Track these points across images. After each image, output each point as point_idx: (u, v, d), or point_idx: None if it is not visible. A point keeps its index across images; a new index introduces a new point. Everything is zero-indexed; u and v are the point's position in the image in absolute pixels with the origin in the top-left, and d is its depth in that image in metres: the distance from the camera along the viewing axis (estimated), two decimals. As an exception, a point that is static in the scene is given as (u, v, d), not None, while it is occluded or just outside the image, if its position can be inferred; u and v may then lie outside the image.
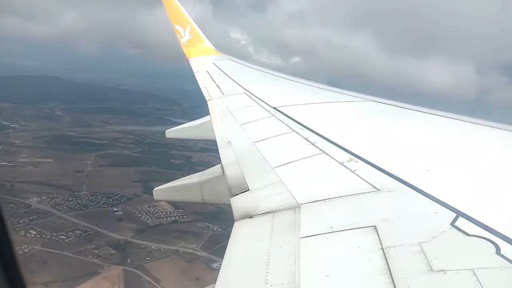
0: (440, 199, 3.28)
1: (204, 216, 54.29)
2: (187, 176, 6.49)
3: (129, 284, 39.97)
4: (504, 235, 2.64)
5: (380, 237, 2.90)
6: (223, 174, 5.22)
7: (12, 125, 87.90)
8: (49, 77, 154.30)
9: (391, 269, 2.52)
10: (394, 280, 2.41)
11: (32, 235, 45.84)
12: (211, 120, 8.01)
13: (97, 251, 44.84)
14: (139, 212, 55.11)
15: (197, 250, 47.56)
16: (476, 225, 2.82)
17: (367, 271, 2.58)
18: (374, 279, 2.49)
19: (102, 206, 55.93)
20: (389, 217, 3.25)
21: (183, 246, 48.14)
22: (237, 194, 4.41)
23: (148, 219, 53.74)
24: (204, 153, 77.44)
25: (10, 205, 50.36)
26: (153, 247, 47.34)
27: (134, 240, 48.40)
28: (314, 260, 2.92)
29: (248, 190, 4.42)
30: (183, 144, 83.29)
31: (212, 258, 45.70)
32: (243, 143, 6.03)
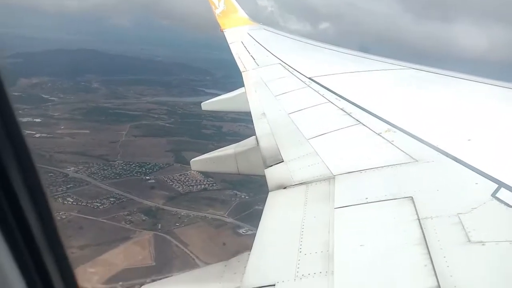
0: (481, 169, 3.17)
1: (232, 184, 55.24)
2: (222, 148, 6.60)
3: (159, 248, 41.63)
4: (550, 207, 2.53)
5: (417, 208, 2.86)
6: (258, 145, 5.26)
7: (51, 98, 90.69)
8: (86, 50, 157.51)
9: (427, 240, 2.49)
10: (429, 250, 2.39)
11: (69, 203, 48.17)
12: (245, 91, 8.00)
13: (130, 217, 46.71)
14: (171, 180, 56.60)
15: (224, 217, 48.67)
16: (519, 196, 2.72)
17: (402, 242, 2.57)
18: (409, 249, 2.47)
19: (135, 174, 57.83)
20: (426, 188, 3.18)
21: (211, 213, 49.35)
22: (272, 165, 4.44)
23: (179, 187, 55.12)
24: (235, 123, 77.88)
25: (49, 174, 53.01)
26: (182, 214, 48.76)
27: (165, 207, 50.00)
28: (348, 230, 2.93)
29: (283, 161, 4.44)
30: (214, 114, 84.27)
31: (239, 224, 46.75)
32: (278, 114, 6.01)
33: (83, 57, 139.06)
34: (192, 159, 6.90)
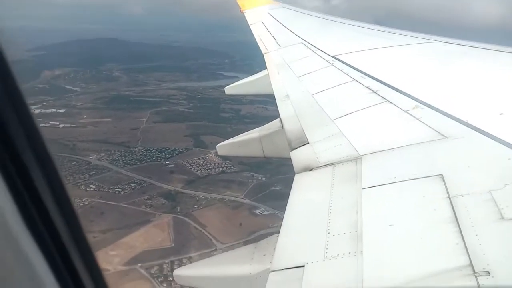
0: None
1: (250, 166, 56.34)
2: (247, 132, 6.63)
3: (178, 230, 43.17)
4: None
5: (447, 186, 2.81)
6: (282, 128, 5.25)
7: (74, 89, 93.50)
8: (105, 39, 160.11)
9: (458, 218, 2.45)
10: (461, 228, 2.35)
11: (91, 189, 50.28)
12: (268, 73, 7.95)
13: (150, 201, 48.39)
14: (189, 164, 58.28)
15: (241, 198, 49.87)
16: (556, 171, 2.62)
17: (433, 220, 2.54)
18: (439, 228, 2.44)
19: (155, 160, 59.68)
20: (457, 165, 3.12)
21: (229, 195, 50.68)
22: (297, 148, 4.44)
23: (197, 171, 56.77)
24: (253, 105, 78.61)
25: (73, 163, 55.52)
26: (201, 196, 50.26)
27: (184, 190, 51.54)
28: (376, 210, 2.91)
29: (308, 143, 4.43)
30: (232, 97, 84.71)
31: (255, 205, 47.93)
32: (301, 95, 5.96)
33: (103, 46, 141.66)
34: (218, 144, 6.98)
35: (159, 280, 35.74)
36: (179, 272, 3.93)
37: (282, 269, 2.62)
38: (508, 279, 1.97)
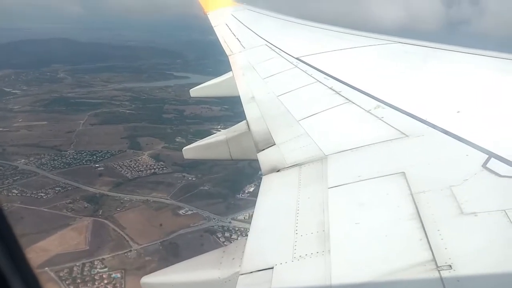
0: (471, 141, 3.20)
1: (183, 167, 56.60)
2: (214, 134, 6.58)
3: (96, 233, 42.82)
4: (539, 174, 2.56)
5: (409, 183, 2.89)
6: (249, 130, 5.25)
7: (14, 91, 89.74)
8: (57, 39, 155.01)
9: (420, 214, 2.52)
10: (423, 224, 2.42)
11: (13, 194, 48.90)
12: (233, 75, 7.93)
13: (72, 205, 47.63)
14: (120, 166, 57.65)
15: (166, 199, 50.00)
16: (509, 165, 2.75)
17: (396, 217, 2.60)
18: (403, 224, 2.51)
19: (85, 163, 58.57)
20: (418, 162, 3.21)
21: (154, 196, 50.68)
22: (264, 149, 4.45)
23: (127, 173, 56.24)
24: (198, 105, 78.92)
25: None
26: (125, 199, 49.93)
27: (110, 193, 51.07)
28: (343, 209, 2.95)
29: (274, 144, 4.45)
30: (178, 98, 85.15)
31: (180, 205, 48.37)
32: (267, 97, 5.98)
33: (52, 46, 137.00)
34: (184, 148, 6.87)
35: (66, 282, 35.55)
36: (146, 279, 3.82)
37: (252, 272, 2.61)
38: (468, 271, 2.04)
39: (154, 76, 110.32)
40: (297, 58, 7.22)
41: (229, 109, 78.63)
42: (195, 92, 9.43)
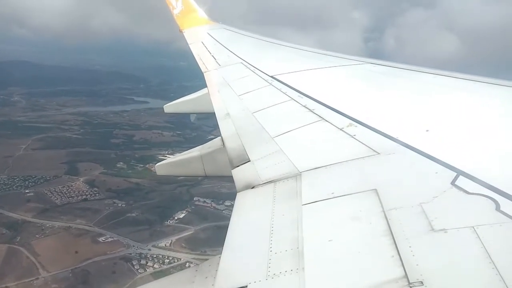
0: (440, 159, 3.28)
1: (117, 193, 56.94)
2: (188, 151, 6.51)
3: (7, 260, 42.01)
4: (504, 192, 2.65)
5: (381, 200, 2.93)
6: (224, 146, 5.23)
7: None
8: (17, 62, 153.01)
9: (392, 230, 2.55)
10: (395, 241, 2.45)
11: None
12: (208, 92, 7.93)
13: None
14: (51, 192, 56.86)
15: (89, 226, 49.93)
16: (476, 183, 2.84)
17: (369, 234, 2.62)
18: (375, 241, 2.53)
19: (15, 188, 57.42)
20: (389, 179, 3.27)
21: (78, 223, 50.41)
22: (238, 166, 4.43)
23: (57, 199, 55.58)
24: (149, 130, 78.94)
25: None
26: (47, 225, 49.32)
27: (32, 220, 50.30)
28: (316, 226, 2.96)
29: (249, 161, 4.44)
30: (131, 122, 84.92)
31: (102, 232, 48.45)
32: (242, 114, 5.99)
33: (11, 69, 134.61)
34: (157, 164, 6.77)
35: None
36: None
37: None
38: (439, 287, 2.07)
39: (112, 101, 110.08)
40: (271, 76, 7.31)
41: (181, 135, 78.88)
42: (169, 108, 9.35)
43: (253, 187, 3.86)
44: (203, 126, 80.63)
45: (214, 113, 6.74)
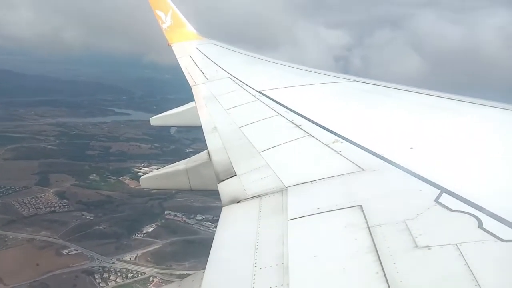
0: (424, 176, 3.32)
1: (87, 205, 56.12)
2: (174, 164, 6.46)
3: None
4: (486, 209, 2.69)
5: (366, 216, 2.94)
6: (210, 160, 5.21)
7: None
8: None
9: (377, 247, 2.56)
10: (380, 258, 2.45)
11: None
12: (196, 105, 7.93)
13: None
14: (19, 203, 55.71)
15: (54, 238, 49.00)
16: (460, 200, 2.87)
17: (354, 250, 2.62)
18: (360, 258, 2.52)
19: None
20: (374, 196, 3.29)
21: (43, 235, 49.47)
22: (225, 180, 4.41)
23: (24, 210, 54.45)
24: (127, 143, 78.45)
25: None
26: (11, 237, 48.32)
27: None
28: (302, 241, 2.95)
29: (235, 175, 4.42)
30: (109, 134, 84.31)
31: (66, 245, 47.64)
32: (229, 128, 6.00)
33: None
34: (142, 177, 6.69)
35: None
36: None
37: None
38: (423, 304, 2.07)
39: (93, 112, 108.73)
40: (259, 92, 7.36)
41: (159, 148, 78.45)
42: (155, 120, 9.32)
43: (238, 202, 3.83)
44: (182, 139, 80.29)
45: (197, 127, 6.75)
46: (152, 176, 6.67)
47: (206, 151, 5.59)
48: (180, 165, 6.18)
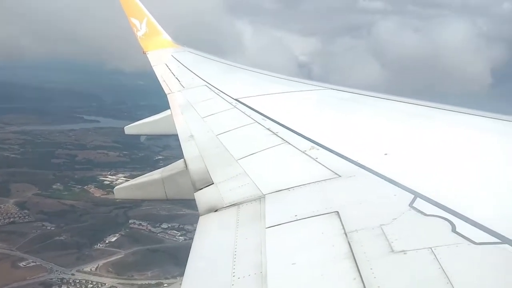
0: (398, 181, 3.38)
1: (48, 215, 54.60)
2: (149, 173, 6.36)
3: None
4: (459, 213, 2.75)
5: (343, 222, 2.96)
6: (186, 168, 5.15)
7: None
8: None
9: (354, 253, 2.57)
10: (357, 263, 2.46)
11: None
12: (171, 114, 7.86)
13: None
14: None
15: (11, 250, 47.52)
16: (433, 205, 2.93)
17: (331, 257, 2.63)
18: (338, 264, 2.53)
19: None
20: (350, 202, 3.32)
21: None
22: (202, 188, 4.36)
23: None
24: (94, 150, 77.03)
25: None
26: None
27: None
28: (280, 249, 2.94)
29: (213, 183, 4.39)
30: (76, 142, 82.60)
31: (24, 257, 46.16)
32: (206, 136, 5.96)
33: None
34: (116, 187, 6.55)
35: None
36: None
37: None
38: (400, 308, 2.09)
39: (61, 119, 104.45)
40: (236, 100, 7.36)
41: (128, 155, 77.09)
42: (130, 129, 9.17)
43: (216, 210, 3.80)
44: (152, 147, 78.72)
45: (173, 135, 6.68)
46: (127, 186, 6.53)
47: (182, 159, 5.53)
48: (156, 174, 6.08)
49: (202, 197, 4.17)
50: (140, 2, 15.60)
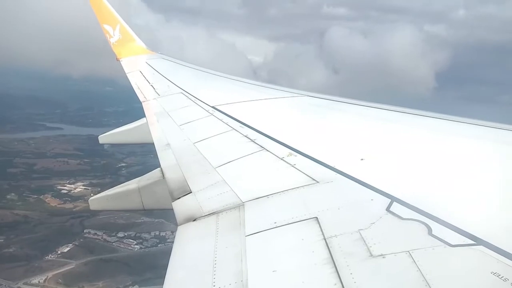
0: (375, 186, 3.44)
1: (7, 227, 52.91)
2: (125, 183, 6.24)
3: None
4: (435, 216, 2.82)
5: (322, 228, 2.98)
6: (163, 177, 5.08)
7: None
8: None
9: (334, 258, 2.59)
10: (337, 269, 2.48)
11: None
12: (147, 122, 7.75)
13: None
14: None
15: None
16: (410, 208, 2.99)
17: (312, 263, 2.64)
18: (318, 269, 2.55)
19: None
20: (328, 207, 3.35)
21: None
22: (179, 197, 4.31)
23: None
24: (54, 159, 75.28)
25: None
26: None
27: None
28: (260, 257, 2.93)
29: (191, 192, 4.34)
30: (36, 150, 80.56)
31: None
32: (183, 144, 5.90)
33: None
34: (91, 198, 6.39)
35: None
36: None
37: None
38: (380, 312, 2.11)
39: (22, 127, 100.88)
40: (213, 107, 7.33)
41: (89, 163, 75.29)
42: (104, 139, 8.98)
43: (195, 220, 3.75)
44: (115, 153, 76.86)
45: (149, 144, 6.58)
46: (102, 197, 6.37)
47: (159, 168, 5.45)
48: (132, 184, 5.97)
49: (180, 207, 4.11)
50: (112, 8, 15.39)
